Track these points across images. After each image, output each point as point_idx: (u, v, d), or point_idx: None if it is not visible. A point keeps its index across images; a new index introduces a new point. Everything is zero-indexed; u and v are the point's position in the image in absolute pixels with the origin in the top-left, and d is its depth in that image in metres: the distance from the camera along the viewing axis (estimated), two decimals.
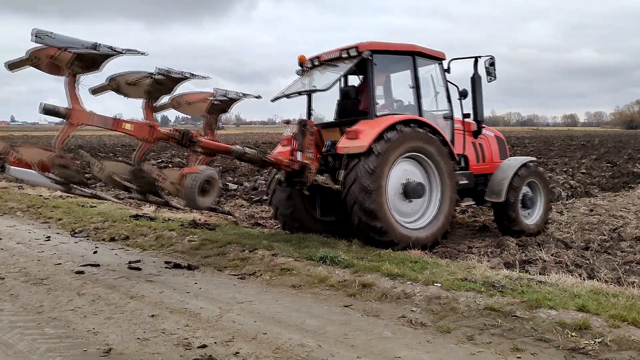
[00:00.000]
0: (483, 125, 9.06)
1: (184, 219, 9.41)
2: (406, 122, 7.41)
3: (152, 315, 4.92)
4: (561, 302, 4.77)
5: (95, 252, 7.49)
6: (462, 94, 8.64)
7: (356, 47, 7.65)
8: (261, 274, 6.20)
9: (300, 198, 8.18)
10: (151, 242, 7.94)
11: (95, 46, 5.43)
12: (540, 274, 6.05)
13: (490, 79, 8.54)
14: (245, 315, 4.91)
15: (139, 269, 6.58)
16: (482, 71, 8.58)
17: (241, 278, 6.15)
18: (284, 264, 6.45)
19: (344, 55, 7.79)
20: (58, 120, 5.90)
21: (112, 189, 11.30)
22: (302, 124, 7.71)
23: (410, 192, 7.49)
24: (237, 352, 4.09)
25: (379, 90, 8.24)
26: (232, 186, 15.06)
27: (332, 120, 8.64)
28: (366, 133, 7.17)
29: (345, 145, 7.29)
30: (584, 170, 18.57)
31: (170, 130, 6.45)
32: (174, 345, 4.25)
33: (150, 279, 6.14)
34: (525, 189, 8.82)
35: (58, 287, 5.83)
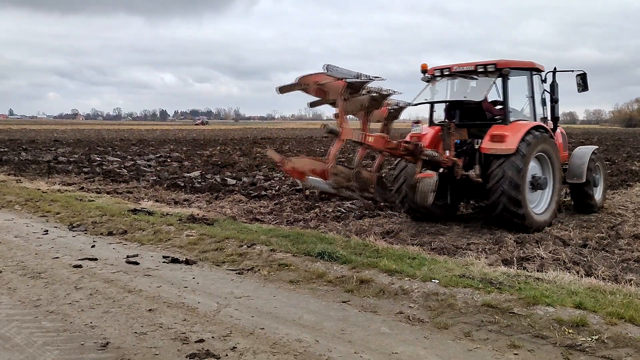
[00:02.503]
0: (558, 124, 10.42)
1: (182, 213, 9.40)
2: (535, 128, 8.87)
3: (150, 310, 4.92)
4: (558, 299, 4.78)
5: (93, 246, 7.48)
6: (555, 101, 10.04)
7: (494, 64, 8.93)
8: (259, 269, 6.21)
9: None
10: (149, 237, 7.94)
11: (358, 76, 6.71)
12: (537, 271, 6.06)
13: (581, 89, 10.10)
14: (242, 310, 4.92)
15: (136, 263, 6.58)
16: (560, 80, 10.03)
17: (239, 273, 6.15)
18: (282, 260, 6.45)
19: (480, 69, 9.05)
20: (56, 114, 6.05)
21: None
22: (447, 127, 8.93)
23: (537, 184, 8.92)
24: (234, 347, 4.10)
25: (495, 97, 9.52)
26: (231, 181, 15.03)
27: (446, 120, 9.65)
28: (510, 137, 8.53)
29: (491, 146, 8.62)
30: None
31: (400, 142, 8.01)
32: (172, 339, 4.25)
33: (148, 274, 6.14)
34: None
35: (55, 281, 5.83)
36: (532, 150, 8.61)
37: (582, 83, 10.11)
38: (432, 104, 9.85)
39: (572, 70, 10.10)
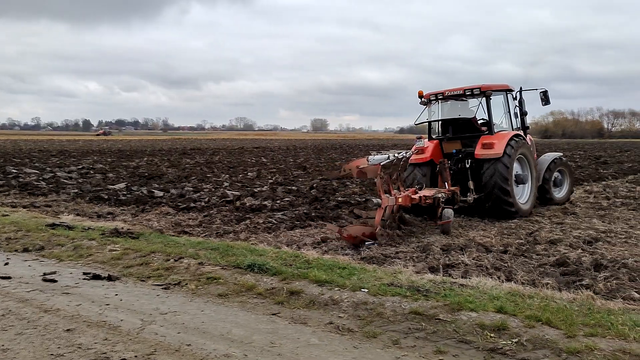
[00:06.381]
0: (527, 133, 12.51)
1: (105, 227, 9.01)
2: (515, 136, 11.08)
3: (68, 330, 4.66)
4: (481, 304, 4.95)
5: (6, 264, 7.01)
6: (525, 113, 12.29)
7: (479, 88, 11.21)
8: (186, 284, 6.03)
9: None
10: (69, 253, 7.54)
11: (388, 158, 8.84)
12: (462, 277, 6.26)
13: (544, 103, 12.00)
14: (168, 327, 4.75)
15: (54, 280, 6.22)
16: (526, 97, 12.25)
17: (165, 288, 5.95)
18: (210, 273, 6.30)
19: (468, 92, 11.32)
20: None
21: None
22: (443, 164, 10.91)
23: (520, 179, 11.25)
24: None
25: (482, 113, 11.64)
26: (158, 193, 14.61)
27: (441, 135, 12.05)
28: (497, 144, 10.76)
29: (483, 152, 10.83)
30: None
31: (422, 197, 9.74)
32: None
33: (66, 291, 5.82)
34: (556, 174, 12.91)
35: None
36: (515, 153, 10.81)
37: (545, 98, 12.02)
38: (430, 122, 12.07)
39: (536, 89, 12.07)
